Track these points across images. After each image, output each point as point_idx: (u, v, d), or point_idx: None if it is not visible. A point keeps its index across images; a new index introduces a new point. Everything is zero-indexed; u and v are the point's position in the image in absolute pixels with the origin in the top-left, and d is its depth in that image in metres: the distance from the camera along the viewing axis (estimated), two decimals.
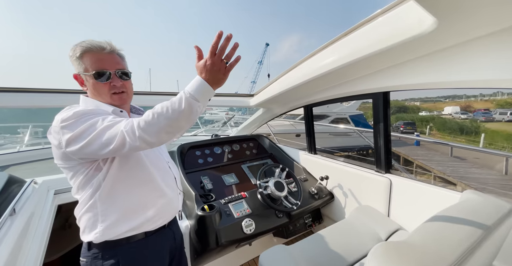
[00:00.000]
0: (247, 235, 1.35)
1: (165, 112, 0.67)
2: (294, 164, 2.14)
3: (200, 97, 0.70)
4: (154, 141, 0.69)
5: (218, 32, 0.68)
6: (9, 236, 1.03)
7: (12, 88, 1.52)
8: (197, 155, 1.90)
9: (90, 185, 0.79)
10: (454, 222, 0.75)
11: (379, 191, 1.51)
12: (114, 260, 0.82)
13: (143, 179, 0.86)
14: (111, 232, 0.81)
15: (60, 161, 0.78)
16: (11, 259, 0.98)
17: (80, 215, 0.83)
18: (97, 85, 0.81)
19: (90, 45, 0.79)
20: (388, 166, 1.54)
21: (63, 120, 0.71)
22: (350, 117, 11.39)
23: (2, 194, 1.21)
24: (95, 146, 0.69)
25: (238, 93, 2.14)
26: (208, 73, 0.71)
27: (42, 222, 1.33)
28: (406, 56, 1.17)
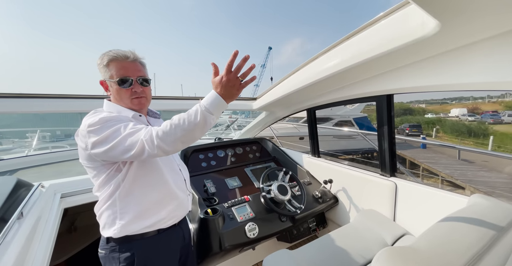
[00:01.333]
0: (250, 239, 1.34)
1: (182, 124, 0.74)
2: (297, 167, 2.13)
3: (214, 110, 0.77)
4: (170, 149, 0.75)
5: (234, 52, 0.76)
6: (17, 240, 1.05)
7: (23, 94, 1.57)
8: (200, 158, 1.91)
9: (110, 184, 0.87)
10: (461, 227, 0.74)
11: (384, 194, 1.49)
12: (130, 253, 0.89)
13: (158, 181, 0.93)
14: (128, 229, 0.88)
15: (85, 161, 0.86)
16: (18, 262, 0.99)
17: (100, 212, 0.91)
18: (120, 91, 0.90)
19: (116, 54, 0.88)
20: (393, 169, 1.52)
21: (90, 125, 0.78)
22: (354, 120, 11.31)
23: (11, 198, 1.24)
24: (117, 150, 0.76)
25: (241, 97, 2.16)
26: (224, 88, 0.77)
27: (48, 226, 1.35)
28: (409, 59, 1.17)
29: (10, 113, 1.56)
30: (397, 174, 1.53)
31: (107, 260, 0.91)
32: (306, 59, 1.55)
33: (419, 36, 0.94)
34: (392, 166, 1.52)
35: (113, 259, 0.89)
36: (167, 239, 0.97)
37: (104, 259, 0.92)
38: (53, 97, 1.64)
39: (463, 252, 0.62)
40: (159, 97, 1.85)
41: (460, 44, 0.94)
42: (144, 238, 0.91)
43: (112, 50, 0.89)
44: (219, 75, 0.78)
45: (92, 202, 1.57)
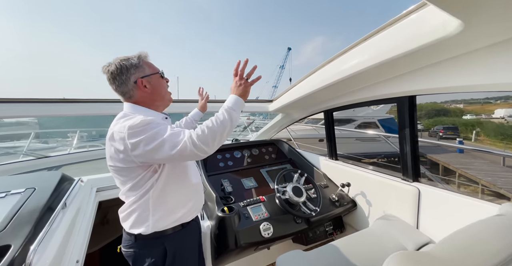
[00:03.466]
0: (265, 239, 1.37)
1: (214, 123, 0.85)
2: (314, 169, 2.11)
3: (235, 107, 0.92)
4: (209, 150, 0.84)
5: (237, 61, 0.97)
6: (62, 226, 1.20)
7: (65, 99, 1.80)
8: (218, 159, 1.99)
9: (146, 184, 0.91)
10: (486, 235, 0.69)
11: (406, 200, 1.42)
12: (161, 247, 0.96)
13: (184, 179, 1.02)
14: (159, 224, 0.95)
15: (120, 163, 0.86)
16: (63, 246, 1.14)
17: (129, 211, 0.94)
18: (162, 82, 1.00)
19: (144, 54, 0.96)
20: (416, 173, 1.44)
21: (131, 127, 0.80)
22: (379, 121, 10.72)
23: (57, 190, 1.42)
24: (160, 151, 0.80)
25: (257, 99, 2.21)
26: (236, 89, 0.97)
27: (86, 216, 1.52)
28: (431, 59, 1.12)
29: (55, 116, 1.80)
30: (422, 179, 1.45)
31: (138, 257, 0.96)
32: (326, 59, 1.52)
33: (441, 36, 0.90)
34: (415, 171, 1.44)
35: (143, 256, 0.96)
36: (190, 232, 1.07)
37: (134, 257, 0.97)
38: (89, 101, 1.84)
39: (483, 261, 0.59)
40: (181, 101, 1.98)
41: (485, 44, 0.88)
42: (172, 233, 0.99)
43: (138, 53, 0.95)
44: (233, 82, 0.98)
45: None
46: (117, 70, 0.90)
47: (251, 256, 1.66)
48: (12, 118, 1.89)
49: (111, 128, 0.87)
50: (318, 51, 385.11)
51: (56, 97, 1.82)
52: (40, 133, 6.98)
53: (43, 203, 1.23)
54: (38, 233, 1.06)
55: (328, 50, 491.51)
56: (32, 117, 5.58)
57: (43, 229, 1.10)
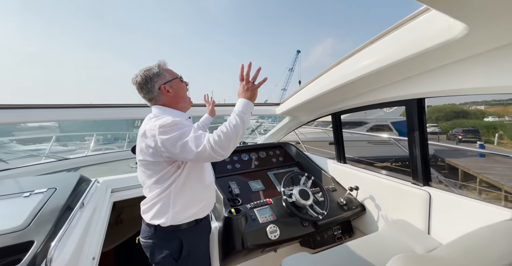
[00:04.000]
0: (271, 241, 1.38)
1: (229, 129, 0.91)
2: (322, 173, 2.10)
3: (244, 110, 0.97)
4: (224, 153, 0.90)
5: (241, 65, 1.01)
6: (80, 225, 1.28)
7: (84, 105, 1.92)
8: (226, 161, 2.03)
9: (169, 178, 1.00)
10: (494, 239, 0.68)
11: (416, 205, 1.39)
12: (178, 240, 1.04)
13: (201, 178, 1.10)
14: (177, 217, 1.02)
15: (149, 157, 0.97)
16: (80, 243, 1.21)
17: (153, 203, 1.03)
18: (182, 85, 1.11)
19: (163, 62, 1.08)
20: (427, 177, 1.41)
21: (161, 126, 0.90)
22: (393, 124, 10.41)
23: (76, 190, 1.51)
24: (184, 149, 0.88)
25: (264, 103, 2.24)
26: (244, 92, 1.01)
27: (101, 215, 1.60)
28: (439, 61, 1.11)
29: (76, 121, 1.92)
30: (436, 184, 1.41)
31: (156, 248, 1.04)
32: (336, 60, 1.52)
33: (447, 39, 0.90)
34: (425, 174, 1.41)
35: (161, 247, 1.03)
36: (203, 228, 1.15)
37: (152, 247, 1.04)
38: (107, 107, 1.96)
39: (489, 264, 0.58)
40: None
41: (492, 46, 0.87)
42: (188, 228, 1.06)
43: (157, 62, 1.07)
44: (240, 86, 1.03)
45: (135, 197, 1.81)
46: (142, 80, 1.03)
47: (258, 258, 1.67)
48: (35, 123, 2.06)
49: (143, 127, 0.98)
50: (328, 52, 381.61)
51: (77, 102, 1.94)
52: (61, 136, 7.39)
53: (63, 202, 1.32)
54: (58, 230, 1.13)
55: (338, 51, 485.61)
56: (53, 122, 5.94)
57: (63, 226, 1.17)
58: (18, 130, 10.11)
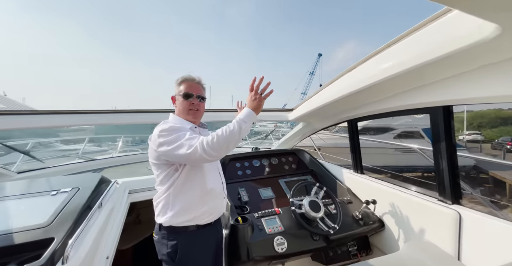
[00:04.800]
0: (278, 254, 1.33)
1: (224, 133, 0.95)
2: (337, 183, 1.98)
3: (246, 119, 1.02)
4: (216, 155, 0.96)
5: (253, 78, 1.08)
6: (97, 224, 1.36)
7: (115, 111, 2.08)
8: (237, 167, 2.02)
9: (169, 181, 1.09)
10: None
11: (443, 225, 1.23)
12: (175, 242, 1.09)
13: (199, 183, 1.13)
14: (174, 220, 1.08)
15: (154, 159, 1.11)
16: (96, 242, 1.28)
17: (157, 202, 1.14)
18: (183, 102, 1.17)
19: (188, 76, 1.20)
20: (456, 194, 1.25)
21: (161, 131, 1.02)
22: (424, 130, 9.50)
23: (96, 190, 1.62)
24: (178, 151, 0.97)
25: (276, 108, 2.20)
26: (250, 103, 1.07)
27: (118, 215, 1.68)
28: (468, 65, 0.99)
29: (109, 124, 2.08)
30: (464, 201, 1.25)
31: (159, 244, 1.13)
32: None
33: (476, 40, 0.80)
34: (454, 191, 1.25)
35: (163, 245, 1.11)
36: (204, 235, 1.16)
37: (157, 243, 1.14)
38: (135, 112, 2.10)
39: None
40: (211, 110, 2.11)
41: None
42: (187, 231, 1.10)
43: (186, 74, 1.21)
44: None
45: (151, 199, 1.90)
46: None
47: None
48: (73, 126, 2.29)
49: (154, 132, 1.08)
50: (350, 55, 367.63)
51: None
52: (95, 138, 8.09)
53: (83, 202, 1.41)
54: (76, 229, 1.21)
55: (359, 54, 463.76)
56: (89, 125, 6.53)
57: (81, 226, 1.25)
58: (64, 132, 11.37)
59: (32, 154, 2.51)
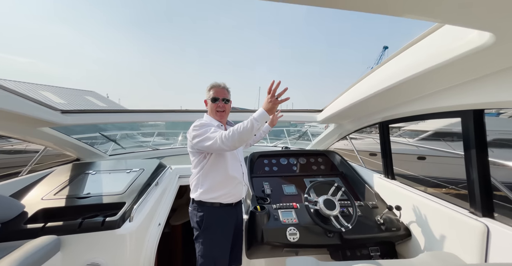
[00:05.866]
0: (290, 243, 1.46)
1: (238, 128, 1.18)
2: (365, 187, 1.93)
3: (258, 118, 1.18)
4: (231, 145, 1.19)
5: (272, 81, 1.18)
6: (153, 197, 1.80)
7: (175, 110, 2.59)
8: (264, 163, 2.21)
9: (199, 166, 1.40)
10: None
11: (469, 238, 1.12)
12: (202, 213, 1.38)
13: (222, 170, 1.39)
14: (203, 196, 1.38)
15: (190, 148, 1.42)
16: (152, 211, 1.71)
17: (192, 181, 1.46)
18: (212, 105, 1.46)
19: (215, 83, 1.47)
20: (487, 206, 1.11)
21: (194, 126, 1.34)
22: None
23: (154, 172, 2.10)
24: (203, 142, 1.27)
25: (305, 109, 2.25)
26: (266, 104, 1.20)
27: (169, 194, 2.13)
28: (502, 63, 0.88)
29: (174, 121, 2.62)
30: (497, 214, 1.10)
31: (191, 214, 1.45)
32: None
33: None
34: (485, 203, 1.11)
35: (194, 215, 1.42)
36: (225, 212, 1.42)
37: (190, 213, 1.46)
38: (189, 111, 2.56)
39: None
40: (238, 111, 2.38)
41: None
42: (212, 206, 1.38)
43: (214, 82, 1.48)
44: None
45: None
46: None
47: (282, 259, 1.76)
48: (149, 122, 2.96)
49: (190, 127, 1.38)
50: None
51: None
52: (163, 132, 9.74)
53: (145, 180, 1.90)
54: (139, 198, 1.66)
55: None
56: (162, 121, 7.94)
57: (143, 196, 1.71)
58: (143, 126, 14.08)
59: (118, 142, 3.36)
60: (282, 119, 2.39)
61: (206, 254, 1.35)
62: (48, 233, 1.26)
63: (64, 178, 1.82)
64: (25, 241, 1.19)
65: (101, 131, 3.63)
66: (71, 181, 1.80)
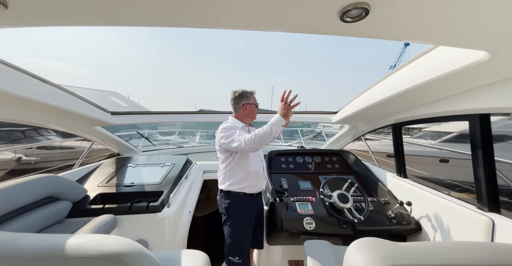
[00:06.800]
0: (307, 231, 1.63)
1: (259, 133, 1.37)
2: (378, 184, 2.05)
3: (276, 123, 1.38)
4: (253, 147, 1.40)
5: (284, 91, 1.39)
6: (184, 188, 2.05)
7: (194, 112, 2.86)
8: (281, 161, 2.38)
9: (226, 162, 1.60)
10: (470, 247, 0.69)
11: (475, 231, 1.23)
12: (229, 201, 1.60)
13: (247, 165, 1.59)
14: (230, 187, 1.60)
15: (218, 146, 1.62)
16: (184, 199, 1.96)
17: (219, 175, 1.67)
18: (254, 109, 1.66)
19: (254, 91, 1.66)
20: (493, 202, 1.21)
21: (223, 128, 1.54)
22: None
23: (184, 167, 2.36)
24: (230, 144, 1.47)
25: (320, 111, 2.39)
26: (281, 110, 1.40)
27: (196, 186, 2.38)
28: (505, 72, 0.98)
29: (189, 122, 2.89)
30: (504, 210, 1.20)
31: (220, 202, 1.66)
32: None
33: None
34: (491, 198, 1.21)
35: (222, 202, 1.63)
36: (249, 200, 1.63)
37: (219, 201, 1.67)
38: (205, 113, 2.82)
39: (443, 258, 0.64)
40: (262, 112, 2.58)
41: None
42: (237, 195, 1.60)
43: (252, 90, 1.65)
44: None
45: None
46: (239, 96, 1.63)
47: (299, 246, 1.94)
48: (168, 122, 3.25)
49: (218, 128, 1.60)
50: None
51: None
52: (181, 131, 10.26)
53: (177, 173, 2.16)
54: (173, 188, 1.92)
55: None
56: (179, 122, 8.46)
57: (176, 187, 1.96)
58: (160, 126, 14.88)
59: (150, 139, 3.71)
60: (297, 120, 2.56)
61: (233, 234, 1.57)
62: (106, 213, 1.54)
63: (111, 170, 2.13)
64: (90, 218, 1.48)
65: (124, 130, 4.01)
66: (117, 172, 2.10)
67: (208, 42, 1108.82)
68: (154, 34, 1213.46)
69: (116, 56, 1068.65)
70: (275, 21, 0.75)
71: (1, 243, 0.63)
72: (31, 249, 0.61)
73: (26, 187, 1.30)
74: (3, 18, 0.72)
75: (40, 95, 1.32)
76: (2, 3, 0.65)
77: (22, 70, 1.23)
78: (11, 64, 1.17)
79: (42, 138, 5.51)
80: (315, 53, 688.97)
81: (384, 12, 0.70)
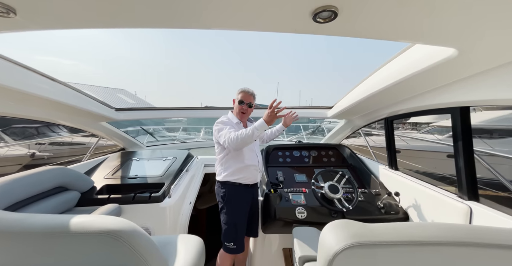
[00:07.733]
0: (298, 219, 1.72)
1: (241, 135, 1.48)
2: (371, 177, 2.11)
3: (258, 127, 1.48)
4: (234, 147, 1.53)
5: (273, 100, 1.49)
6: (185, 181, 2.17)
7: (198, 107, 2.95)
8: (278, 155, 2.46)
9: (222, 154, 1.71)
10: (433, 227, 0.74)
11: (455, 218, 1.30)
12: (225, 190, 1.71)
13: (241, 159, 1.69)
14: (226, 178, 1.71)
15: (214, 139, 1.71)
16: (184, 191, 2.08)
17: (216, 166, 1.79)
18: (237, 106, 1.76)
19: (245, 89, 1.75)
20: (472, 191, 1.27)
21: (217, 122, 1.67)
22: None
23: (185, 161, 2.47)
24: (220, 138, 1.60)
25: (316, 106, 2.44)
26: (266, 117, 1.49)
27: (197, 179, 2.50)
28: (484, 64, 1.01)
29: (194, 117, 3.00)
30: (483, 198, 1.26)
31: (217, 192, 1.77)
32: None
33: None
34: (470, 187, 1.27)
35: (219, 191, 1.74)
36: (243, 190, 1.73)
37: (216, 191, 1.78)
38: (209, 108, 2.91)
39: (404, 235, 0.70)
40: (259, 108, 2.66)
41: None
42: (232, 185, 1.70)
43: (244, 87, 1.76)
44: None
45: None
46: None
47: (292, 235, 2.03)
48: (173, 118, 3.38)
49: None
50: None
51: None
52: (186, 127, 10.47)
53: (178, 166, 2.27)
54: (174, 180, 2.04)
55: None
56: (183, 118, 8.62)
57: (177, 179, 2.08)
58: (166, 121, 15.16)
59: (153, 136, 3.86)
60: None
61: (228, 221, 1.68)
62: (112, 202, 1.67)
63: (116, 163, 2.27)
64: (97, 207, 1.61)
65: (130, 127, 4.17)
66: (122, 165, 2.23)
67: (220, 40, 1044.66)
68: (164, 34, 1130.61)
69: (126, 55, 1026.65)
70: (254, 20, 0.83)
71: (14, 222, 0.73)
72: (40, 227, 0.71)
73: (38, 177, 1.43)
74: (13, 23, 0.82)
75: (48, 93, 1.45)
76: (12, 11, 0.75)
77: (32, 70, 1.35)
78: (22, 64, 1.29)
79: (53, 134, 5.76)
80: (320, 51, 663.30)
81: (353, 15, 0.76)
